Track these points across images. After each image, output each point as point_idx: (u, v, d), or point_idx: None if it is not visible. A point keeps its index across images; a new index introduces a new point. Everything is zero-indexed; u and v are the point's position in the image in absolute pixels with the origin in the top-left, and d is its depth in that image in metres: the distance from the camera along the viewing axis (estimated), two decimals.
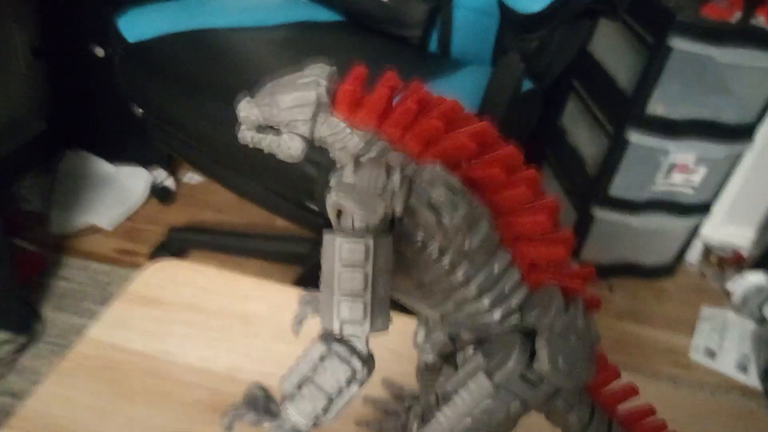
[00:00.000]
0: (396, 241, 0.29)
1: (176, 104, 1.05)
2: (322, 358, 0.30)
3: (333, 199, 0.28)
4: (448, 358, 0.39)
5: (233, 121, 0.32)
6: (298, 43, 1.15)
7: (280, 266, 1.44)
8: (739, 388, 1.34)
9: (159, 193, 1.60)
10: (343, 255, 0.28)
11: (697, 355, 1.40)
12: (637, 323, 1.48)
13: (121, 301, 0.54)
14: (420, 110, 0.29)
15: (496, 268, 0.30)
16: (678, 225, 1.51)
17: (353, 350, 0.30)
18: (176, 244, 1.45)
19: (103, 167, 1.62)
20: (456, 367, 0.35)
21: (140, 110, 1.17)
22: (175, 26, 1.07)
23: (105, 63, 1.11)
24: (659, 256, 1.59)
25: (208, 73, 1.01)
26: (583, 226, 1.51)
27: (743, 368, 1.37)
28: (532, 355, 0.29)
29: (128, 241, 1.50)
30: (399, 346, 0.50)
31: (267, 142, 0.31)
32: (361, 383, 0.30)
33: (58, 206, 1.51)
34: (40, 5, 1.47)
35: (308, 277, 1.23)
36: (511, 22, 0.94)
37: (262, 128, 0.31)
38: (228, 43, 1.09)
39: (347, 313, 0.28)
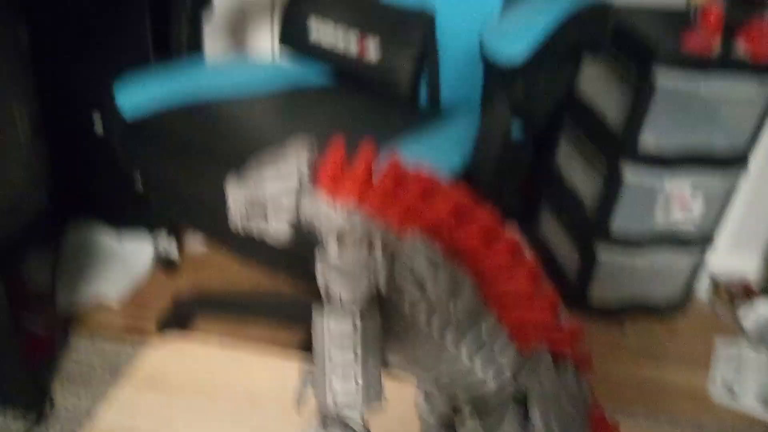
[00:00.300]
0: (384, 313, 0.30)
1: (176, 178, 1.07)
2: None
3: (318, 279, 0.29)
4: (449, 425, 0.39)
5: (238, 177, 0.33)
6: (290, 110, 1.18)
7: (288, 327, 1.44)
8: (764, 425, 1.31)
9: (163, 263, 1.61)
10: (332, 332, 0.29)
11: (716, 394, 1.37)
12: (652, 364, 1.46)
13: (126, 385, 0.53)
14: (397, 185, 0.30)
15: (483, 330, 0.31)
16: (683, 259, 1.51)
17: (350, 430, 0.30)
18: (182, 314, 1.45)
19: (106, 240, 1.63)
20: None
21: (141, 183, 1.19)
22: (171, 99, 1.10)
23: (106, 136, 1.14)
24: (668, 293, 1.58)
25: (205, 146, 1.03)
26: (588, 266, 1.51)
27: (766, 402, 1.34)
28: (526, 418, 0.30)
29: (135, 314, 1.50)
30: (404, 412, 0.50)
31: (255, 224, 0.32)
32: None
33: (63, 283, 1.52)
34: (37, 82, 1.50)
35: (307, 346, 1.23)
36: (494, 74, 0.96)
37: (252, 210, 0.32)
38: (223, 114, 1.11)
39: (340, 388, 0.29)
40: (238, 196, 0.31)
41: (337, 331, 0.29)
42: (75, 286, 1.52)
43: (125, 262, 1.60)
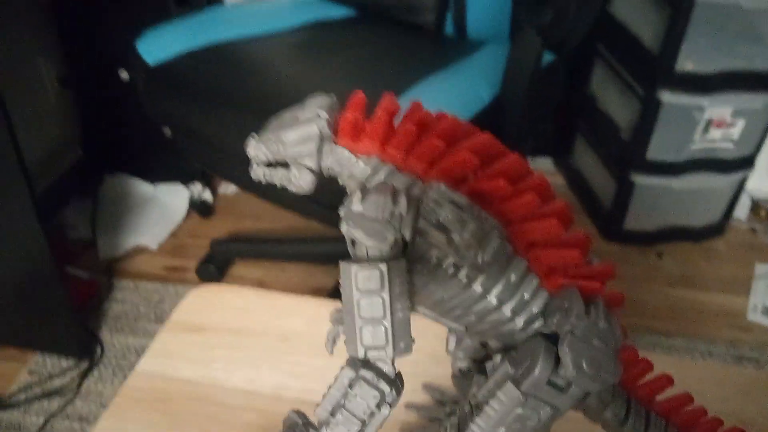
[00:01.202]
0: (411, 261, 0.29)
1: (201, 121, 1.07)
2: (350, 385, 0.30)
3: (343, 230, 0.28)
4: (482, 363, 0.39)
5: (258, 131, 0.32)
6: (313, 45, 1.15)
7: (322, 266, 1.46)
8: None
9: (198, 207, 1.64)
10: (359, 283, 0.28)
11: (754, 315, 1.36)
12: (690, 288, 1.45)
13: (165, 331, 0.55)
14: (420, 131, 0.29)
15: (513, 276, 0.30)
16: (722, 182, 1.47)
17: (380, 373, 0.30)
18: (220, 256, 1.48)
19: (142, 188, 1.66)
20: (486, 376, 0.35)
21: (168, 130, 1.20)
22: (192, 44, 1.09)
23: (132, 86, 1.14)
24: (706, 217, 1.55)
25: (228, 86, 1.03)
26: (624, 193, 1.48)
27: None
28: (558, 360, 0.29)
29: (174, 257, 1.54)
30: (436, 349, 0.51)
31: (278, 177, 0.32)
32: (391, 405, 0.31)
33: (103, 231, 1.56)
34: (61, 37, 1.50)
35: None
36: None
37: (272, 164, 0.32)
38: (245, 54, 1.10)
39: (369, 339, 0.29)
40: (257, 150, 0.31)
41: (364, 280, 0.28)
42: (115, 234, 1.56)
43: (162, 208, 1.63)
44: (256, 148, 0.31)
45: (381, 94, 0.31)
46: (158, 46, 1.09)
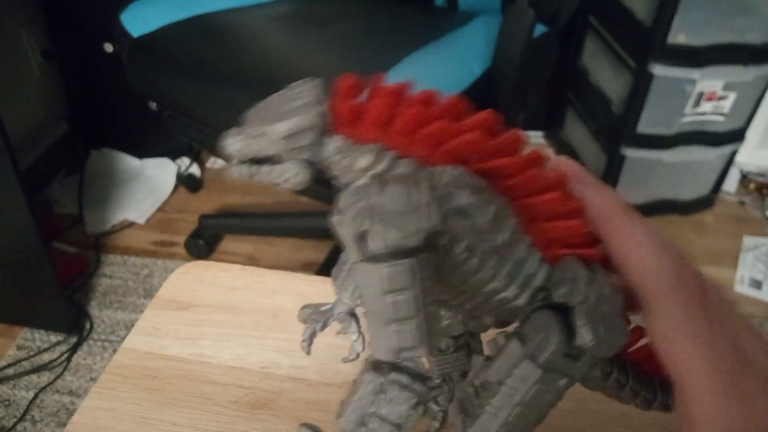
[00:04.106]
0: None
1: (186, 93, 1.05)
2: (381, 390, 0.29)
3: (364, 227, 0.25)
4: (457, 338, 0.38)
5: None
6: (301, 15, 1.13)
7: (312, 241, 1.46)
8: None
9: (186, 182, 1.62)
10: (387, 283, 0.25)
11: (741, 287, 1.37)
12: None
13: (152, 308, 0.55)
14: (422, 111, 0.27)
15: (519, 253, 0.29)
16: (712, 155, 1.47)
17: (413, 374, 0.29)
18: (209, 231, 1.47)
19: (129, 162, 1.64)
20: (476, 353, 0.34)
21: (154, 104, 1.18)
22: (177, 15, 1.06)
23: (117, 59, 1.12)
24: (695, 190, 1.55)
25: (214, 58, 1.01)
26: (614, 167, 1.48)
27: None
28: (570, 330, 0.29)
29: (162, 232, 1.52)
30: None
31: (265, 174, 0.27)
32: (426, 402, 0.30)
33: (90, 206, 1.55)
34: (44, 9, 1.47)
35: (332, 260, 1.24)
36: None
37: (257, 160, 0.29)
38: (230, 25, 1.08)
39: (403, 340, 0.26)
40: (240, 145, 0.26)
41: (393, 282, 0.25)
42: (102, 209, 1.54)
43: (149, 183, 1.61)
44: (237, 145, 0.26)
45: (371, 67, 0.30)
46: (142, 17, 1.07)
